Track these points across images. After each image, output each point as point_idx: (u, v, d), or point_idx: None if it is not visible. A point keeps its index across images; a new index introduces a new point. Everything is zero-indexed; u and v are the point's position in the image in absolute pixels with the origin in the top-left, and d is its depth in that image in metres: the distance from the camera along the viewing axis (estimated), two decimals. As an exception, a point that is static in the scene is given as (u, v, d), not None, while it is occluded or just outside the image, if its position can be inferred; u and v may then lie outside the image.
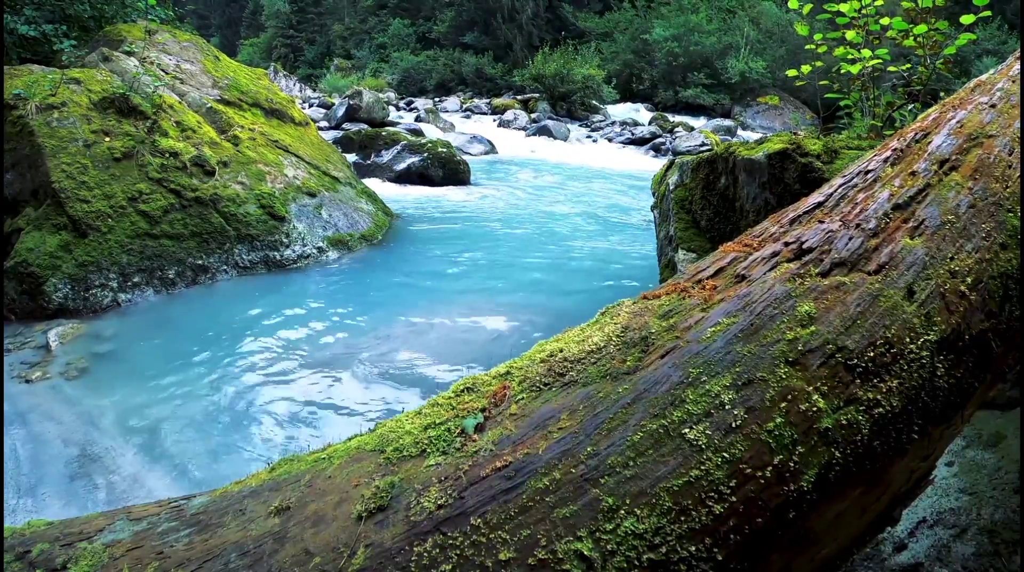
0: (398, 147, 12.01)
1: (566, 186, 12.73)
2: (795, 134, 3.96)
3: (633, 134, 20.77)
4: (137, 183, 5.95)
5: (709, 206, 4.42)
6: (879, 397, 1.28)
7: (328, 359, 4.75)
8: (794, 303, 1.36)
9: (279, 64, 37.75)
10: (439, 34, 39.44)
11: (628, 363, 1.34)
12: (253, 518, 1.32)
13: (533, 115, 24.45)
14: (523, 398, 1.35)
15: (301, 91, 30.72)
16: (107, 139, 6.00)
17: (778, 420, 1.22)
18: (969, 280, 1.44)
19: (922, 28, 3.92)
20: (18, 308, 5.30)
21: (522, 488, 1.19)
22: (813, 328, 1.31)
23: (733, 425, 1.22)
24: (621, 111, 27.05)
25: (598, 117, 25.38)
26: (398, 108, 24.82)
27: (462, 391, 1.46)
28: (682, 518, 1.15)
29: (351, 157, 11.47)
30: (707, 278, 1.51)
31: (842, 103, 4.65)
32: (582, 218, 9.80)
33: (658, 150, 18.53)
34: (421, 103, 27.20)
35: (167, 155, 6.23)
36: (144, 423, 3.93)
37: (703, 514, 1.16)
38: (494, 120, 23.76)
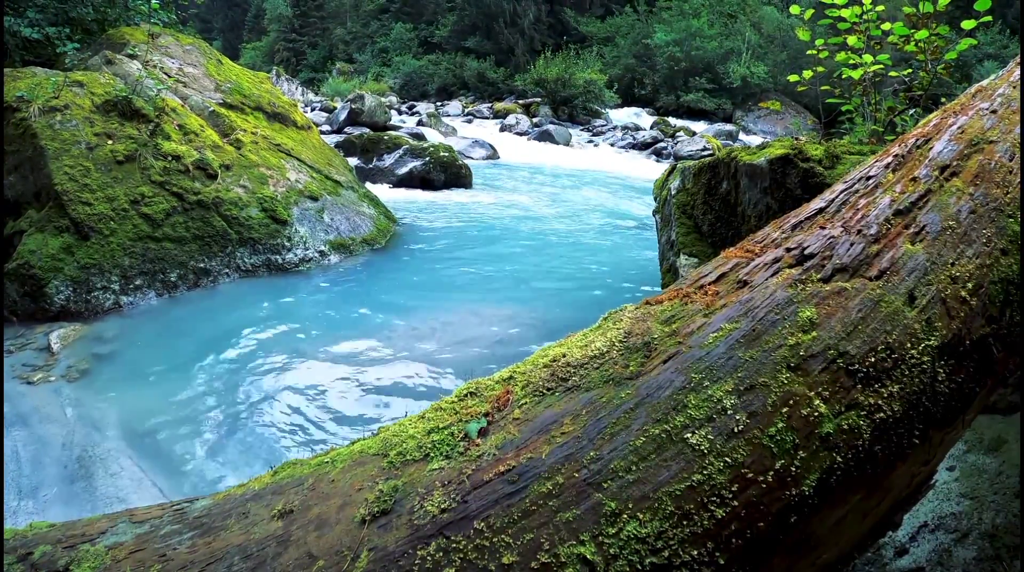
0: (400, 151, 12.02)
1: (568, 191, 12.75)
2: (797, 139, 3.97)
3: (635, 138, 20.80)
4: (139, 186, 5.96)
5: (711, 211, 4.43)
6: (880, 402, 1.28)
7: (330, 363, 4.76)
8: (796, 309, 1.36)
9: (281, 68, 37.84)
10: (441, 38, 39.53)
11: (631, 368, 1.34)
12: (256, 521, 1.32)
13: (535, 119, 24.51)
14: (526, 403, 1.36)
15: (303, 95, 30.76)
16: (110, 142, 6.01)
17: (780, 425, 1.23)
18: (970, 285, 1.44)
19: (923, 33, 3.93)
20: (20, 310, 5.31)
21: (525, 492, 1.20)
22: (815, 333, 1.32)
23: (735, 430, 1.22)
24: (622, 115, 27.12)
25: (600, 121, 25.44)
26: (400, 112, 24.91)
27: (465, 395, 1.46)
28: (684, 522, 1.16)
29: (353, 161, 11.48)
30: (709, 284, 1.52)
31: (844, 108, 4.67)
32: (584, 223, 9.81)
33: (659, 155, 18.57)
34: (423, 107, 27.31)
35: (169, 158, 6.24)
36: (146, 425, 3.93)
37: (705, 518, 1.16)
38: (496, 124, 23.82)
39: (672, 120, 24.91)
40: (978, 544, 2.07)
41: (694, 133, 21.60)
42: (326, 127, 17.83)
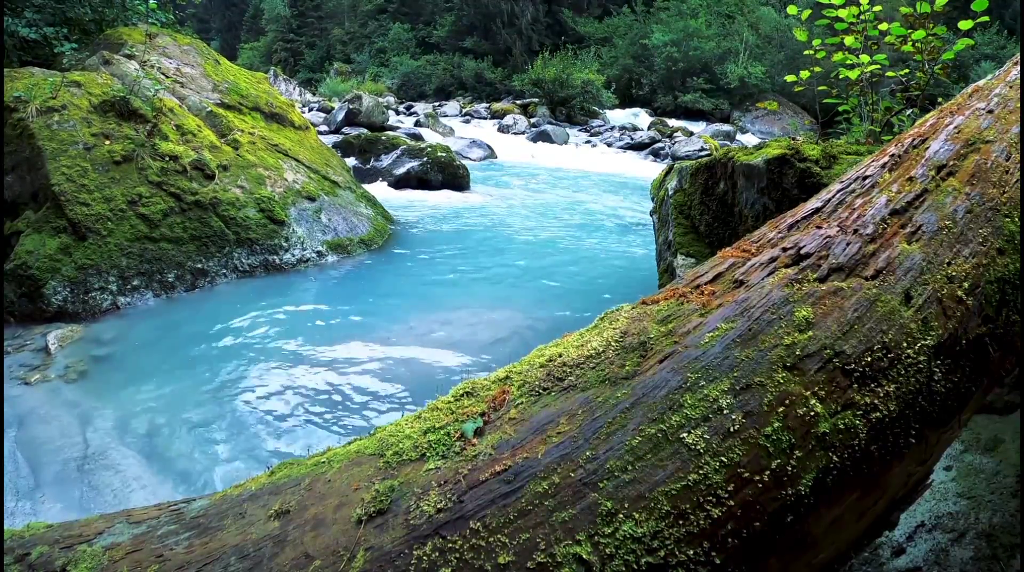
0: (397, 152, 12.02)
1: (565, 191, 12.75)
2: (794, 139, 3.97)
3: (632, 139, 20.80)
4: (137, 186, 5.95)
5: (708, 211, 4.43)
6: (876, 402, 1.29)
7: (327, 363, 4.75)
8: (792, 308, 1.36)
9: (279, 68, 37.87)
10: (439, 39, 39.54)
11: (627, 368, 1.34)
12: (253, 521, 1.32)
13: (532, 120, 24.50)
14: (522, 402, 1.36)
15: (301, 95, 30.76)
16: (107, 142, 6.00)
17: (776, 425, 1.23)
18: (966, 285, 1.44)
19: (920, 33, 3.94)
20: (17, 310, 5.30)
21: (521, 492, 1.20)
22: (811, 333, 1.32)
23: (731, 430, 1.22)
24: (620, 116, 27.11)
25: (597, 122, 25.44)
26: (398, 112, 24.91)
27: (462, 395, 1.46)
28: (680, 522, 1.16)
29: (351, 161, 11.48)
30: (705, 283, 1.52)
31: (841, 108, 4.67)
32: (581, 223, 9.81)
33: (657, 155, 18.57)
34: (421, 107, 27.31)
35: (167, 159, 6.24)
36: (143, 426, 3.93)
37: (701, 518, 1.16)
38: (493, 125, 23.82)
39: (670, 120, 24.93)
40: (975, 544, 2.07)
41: (692, 133, 21.62)
42: (324, 127, 17.82)
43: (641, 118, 26.85)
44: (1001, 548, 2.03)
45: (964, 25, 3.71)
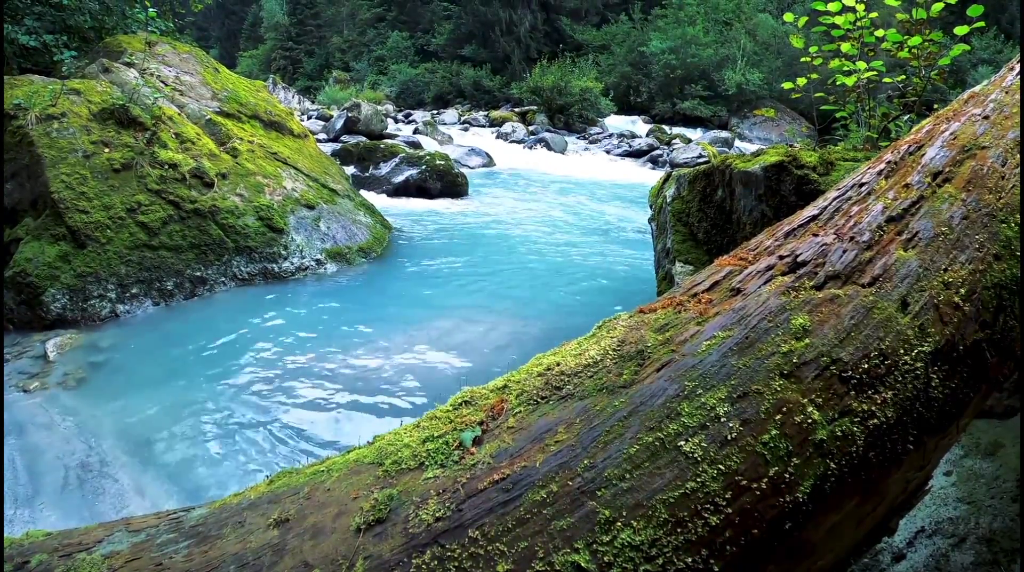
0: (396, 160, 12.04)
1: (564, 198, 12.76)
2: (791, 146, 3.98)
3: (630, 146, 20.84)
4: (136, 194, 5.96)
5: (706, 218, 4.44)
6: (874, 408, 1.29)
7: (326, 371, 4.75)
8: (789, 316, 1.36)
9: (278, 76, 37.89)
10: (437, 47, 39.63)
11: (624, 376, 1.35)
12: (252, 530, 1.32)
13: (531, 127, 24.54)
14: (521, 411, 1.36)
15: (299, 103, 30.83)
16: (106, 150, 6.01)
17: (773, 432, 1.23)
18: (963, 291, 1.44)
19: (917, 39, 3.95)
20: (16, 318, 5.30)
21: (520, 501, 1.20)
22: (807, 341, 1.32)
23: (728, 437, 1.22)
24: (618, 123, 27.14)
25: (595, 129, 25.47)
26: (396, 120, 24.92)
27: (460, 404, 1.46)
28: (678, 530, 1.16)
29: (349, 169, 11.50)
30: (703, 292, 1.52)
31: (838, 115, 4.68)
32: (580, 231, 9.82)
33: (655, 162, 18.60)
34: (419, 115, 27.33)
35: (166, 166, 6.25)
36: (142, 434, 3.93)
37: (699, 526, 1.16)
38: (492, 132, 23.86)
39: (668, 127, 24.95)
40: (975, 548, 2.07)
41: (690, 140, 21.66)
42: (322, 135, 17.81)
43: (639, 125, 26.90)
44: (1002, 553, 2.03)
45: (960, 30, 3.72)
